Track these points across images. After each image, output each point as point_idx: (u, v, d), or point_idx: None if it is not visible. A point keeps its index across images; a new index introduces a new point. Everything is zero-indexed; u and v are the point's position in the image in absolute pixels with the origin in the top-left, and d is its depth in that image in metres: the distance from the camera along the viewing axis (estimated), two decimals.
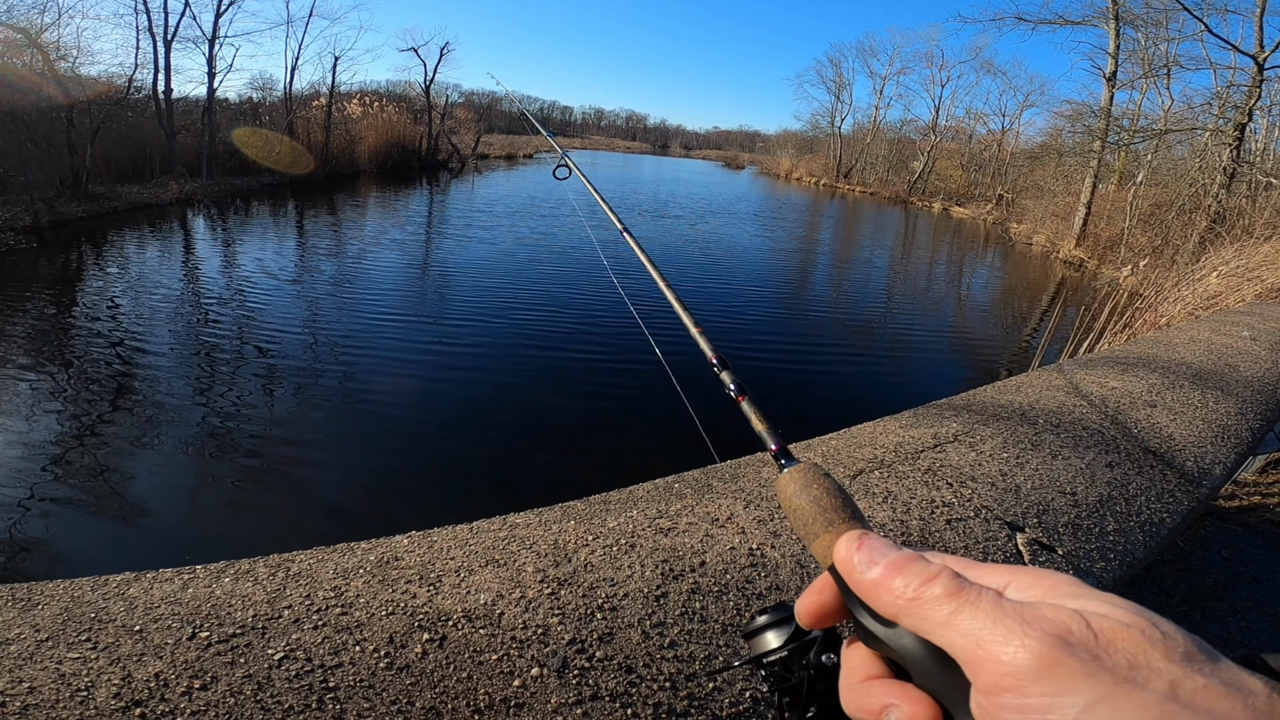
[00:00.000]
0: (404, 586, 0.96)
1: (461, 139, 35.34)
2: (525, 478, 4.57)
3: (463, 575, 0.99)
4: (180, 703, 0.75)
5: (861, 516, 0.43)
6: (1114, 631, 0.26)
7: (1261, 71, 14.09)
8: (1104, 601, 0.28)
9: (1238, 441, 1.96)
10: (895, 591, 0.33)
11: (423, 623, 0.89)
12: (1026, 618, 0.27)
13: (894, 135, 44.02)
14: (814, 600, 0.40)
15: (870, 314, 10.80)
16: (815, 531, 0.42)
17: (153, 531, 3.82)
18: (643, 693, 0.84)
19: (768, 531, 1.16)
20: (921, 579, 0.32)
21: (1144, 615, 0.27)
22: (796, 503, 0.45)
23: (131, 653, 0.80)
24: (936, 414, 1.84)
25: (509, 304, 8.75)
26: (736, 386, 0.63)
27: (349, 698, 0.78)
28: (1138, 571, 1.40)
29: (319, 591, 0.93)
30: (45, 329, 6.85)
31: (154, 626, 0.85)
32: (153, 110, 18.16)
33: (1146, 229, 16.47)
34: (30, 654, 0.79)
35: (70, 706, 0.73)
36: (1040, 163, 26.79)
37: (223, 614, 0.88)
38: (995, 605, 0.29)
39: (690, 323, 0.76)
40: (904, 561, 0.34)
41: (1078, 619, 0.27)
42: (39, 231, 11.27)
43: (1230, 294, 6.71)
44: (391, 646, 0.85)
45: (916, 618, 0.31)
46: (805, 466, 0.47)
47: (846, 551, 0.37)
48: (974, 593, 0.30)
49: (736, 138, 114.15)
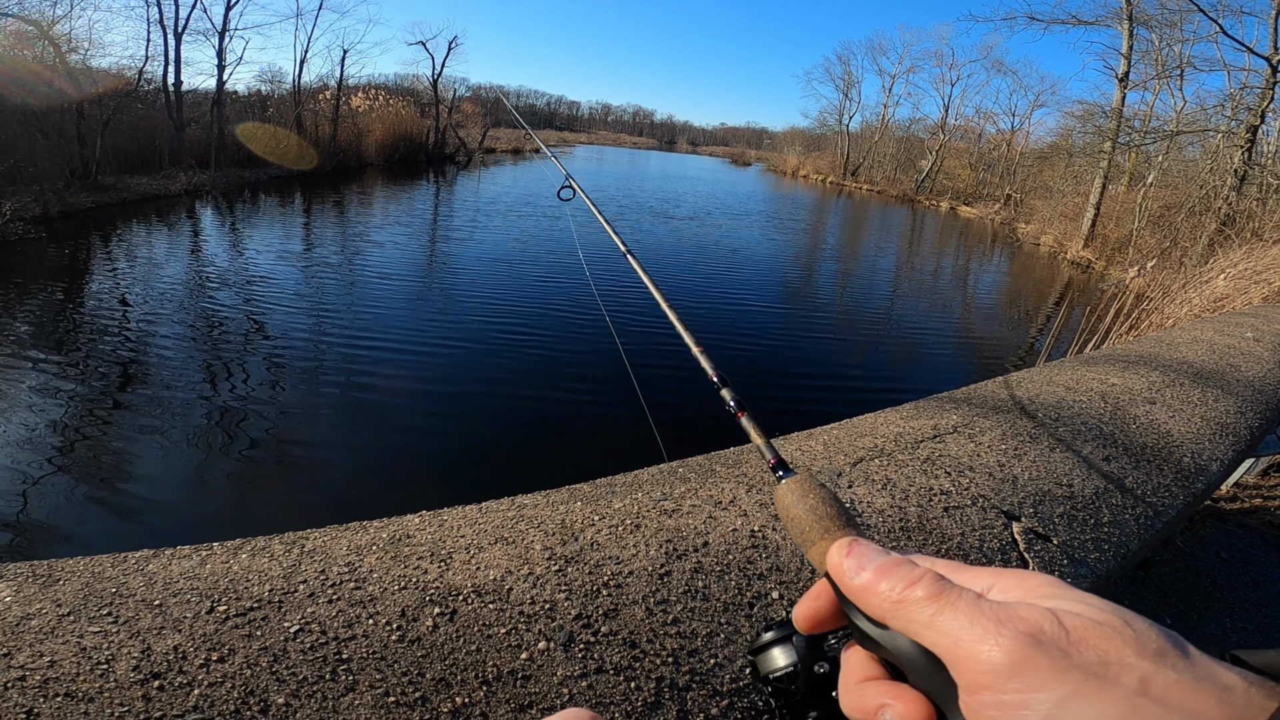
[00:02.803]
0: (415, 563, 0.98)
1: (468, 133, 35.35)
2: (533, 463, 4.62)
3: (472, 552, 1.02)
4: (198, 674, 0.76)
5: (856, 524, 0.45)
6: (1085, 629, 0.27)
7: (1275, 73, 13.98)
8: (1079, 601, 0.29)
9: (1236, 440, 1.98)
10: (882, 594, 0.34)
11: (434, 597, 0.92)
12: (1001, 617, 0.28)
13: (902, 134, 43.85)
14: (811, 606, 0.41)
15: (876, 312, 10.78)
16: (811, 539, 0.44)
17: (169, 512, 3.89)
18: (645, 667, 0.86)
19: (769, 514, 1.18)
20: (906, 582, 0.33)
21: (1117, 613, 0.28)
22: (794, 512, 0.47)
23: (151, 626, 0.82)
24: (937, 406, 1.86)
25: (520, 295, 8.79)
26: (736, 403, 0.66)
27: (361, 669, 0.80)
28: (1132, 563, 1.42)
29: (333, 567, 0.96)
30: (55, 317, 6.91)
31: (173, 601, 0.86)
32: (162, 102, 18.24)
33: (1155, 231, 16.38)
34: (52, 629, 0.80)
35: (91, 679, 0.74)
36: (1049, 163, 26.65)
37: (240, 588, 0.90)
38: (973, 606, 0.30)
39: (691, 342, 0.79)
40: (890, 566, 0.35)
41: (1050, 617, 0.28)
42: (49, 221, 11.35)
43: (1237, 296, 6.67)
44: (403, 620, 0.87)
45: (903, 619, 0.33)
46: (802, 478, 0.49)
47: (838, 557, 0.38)
48: (954, 594, 0.31)
49: (744, 134, 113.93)
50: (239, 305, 7.69)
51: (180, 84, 18.60)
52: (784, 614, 0.97)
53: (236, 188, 17.49)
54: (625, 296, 8.01)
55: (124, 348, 6.18)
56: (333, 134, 23.90)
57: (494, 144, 39.33)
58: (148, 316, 7.08)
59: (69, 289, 7.97)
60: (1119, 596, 2.58)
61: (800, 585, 1.04)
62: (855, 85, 47.02)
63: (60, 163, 13.25)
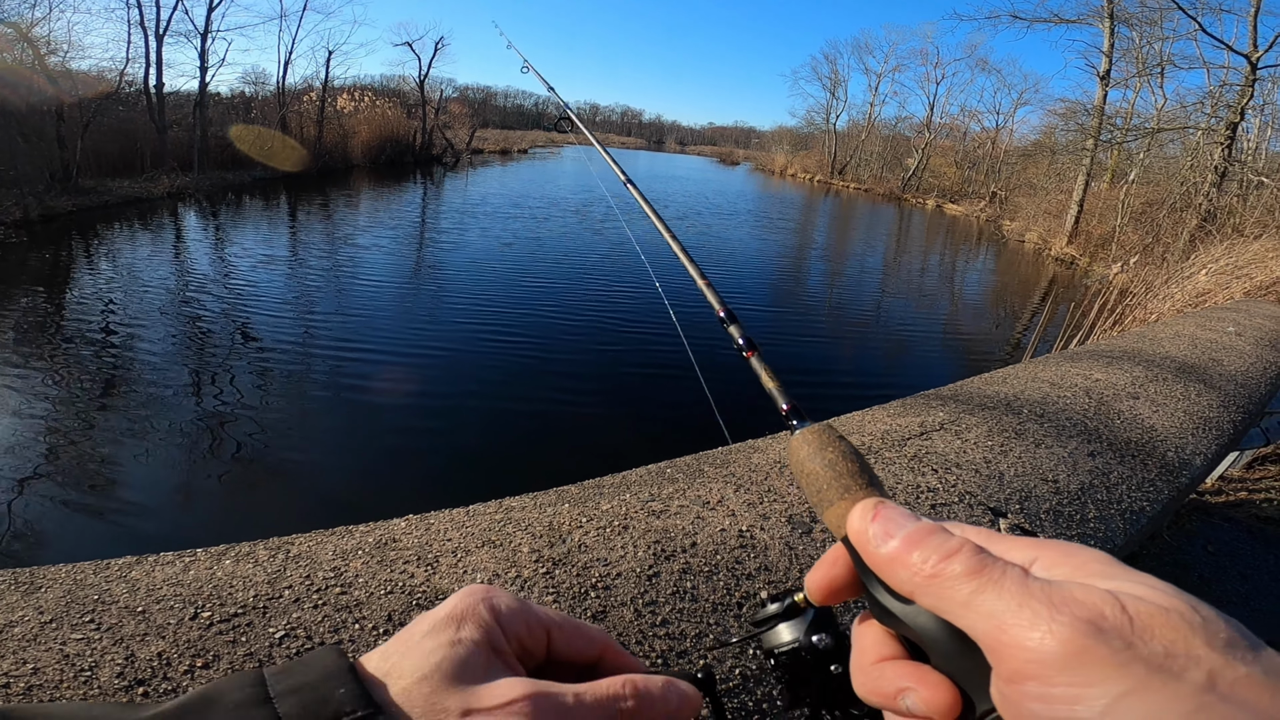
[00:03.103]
0: (402, 567, 0.98)
1: (456, 134, 35.23)
2: (520, 465, 4.60)
3: (459, 556, 1.01)
4: (183, 681, 0.75)
5: (880, 483, 0.39)
6: (1151, 616, 0.24)
7: (1254, 70, 14.19)
8: (1140, 583, 0.26)
9: (1219, 434, 2.00)
10: (912, 567, 0.30)
11: (420, 602, 0.91)
12: (1055, 600, 0.25)
13: (889, 132, 44.15)
14: (826, 574, 0.37)
15: (863, 310, 10.84)
16: (829, 499, 0.38)
17: (153, 518, 3.85)
18: None
19: (757, 514, 1.18)
20: (941, 554, 0.29)
21: (1184, 599, 0.25)
22: (809, 467, 0.40)
23: (134, 633, 0.81)
24: (924, 403, 1.87)
25: (508, 297, 8.76)
26: (745, 341, 0.58)
27: None
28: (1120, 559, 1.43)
29: (319, 572, 0.95)
30: (37, 322, 6.81)
31: (156, 607, 0.86)
32: (144, 104, 18.03)
33: (1138, 227, 16.58)
34: (34, 636, 0.79)
35: (74, 686, 0.73)
36: (1033, 160, 26.90)
37: (224, 594, 0.89)
38: (1021, 585, 0.26)
39: (696, 274, 0.72)
40: (923, 534, 0.31)
41: (1112, 602, 0.24)
42: (29, 225, 11.20)
43: (1219, 291, 6.77)
44: (390, 625, 0.87)
45: (935, 596, 0.29)
46: (820, 428, 0.43)
47: (861, 522, 0.34)
48: (998, 570, 0.27)
49: (732, 133, 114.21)
50: (223, 310, 7.61)
51: (162, 86, 18.40)
52: None
53: (220, 190, 17.30)
54: (620, 297, 8.00)
55: (107, 353, 6.11)
56: (318, 135, 23.71)
57: (481, 144, 39.22)
58: (130, 321, 6.99)
59: (50, 294, 7.86)
60: None
61: (789, 585, 1.04)
62: (842, 84, 47.38)
63: (40, 166, 13.06)
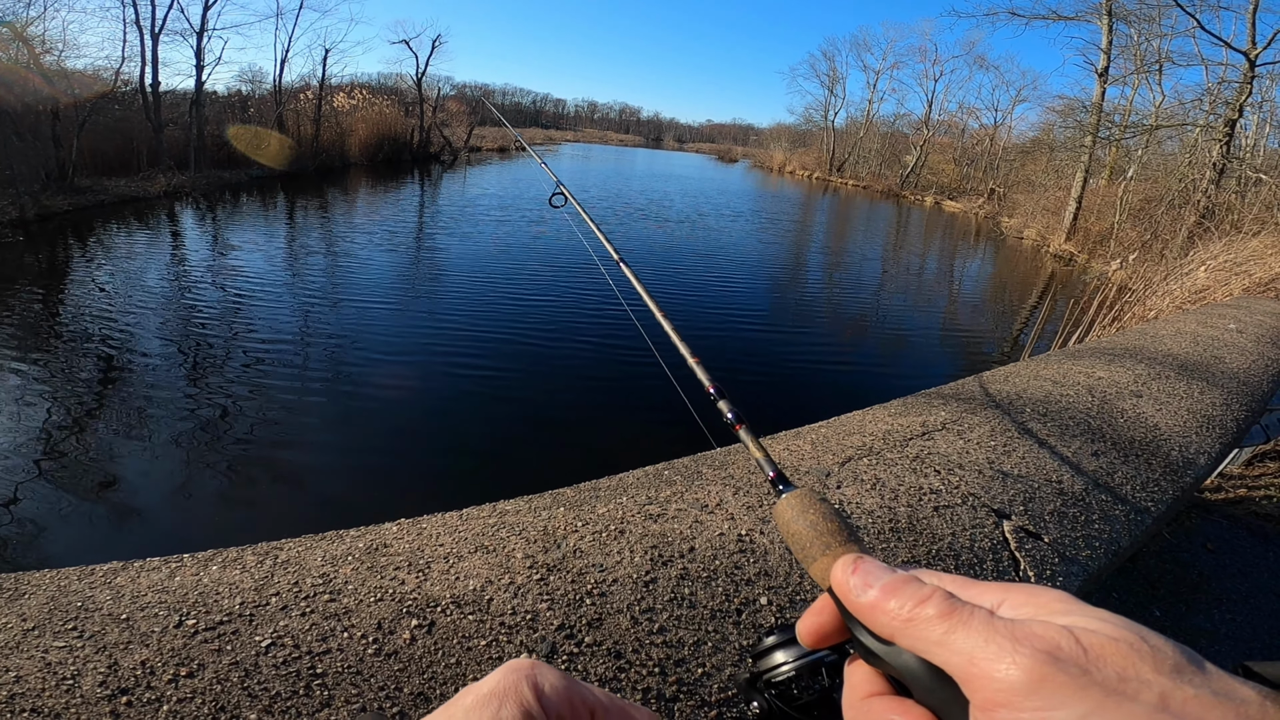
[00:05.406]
0: (392, 573, 0.96)
1: (453, 131, 35.13)
2: (516, 467, 4.58)
3: (452, 561, 0.99)
4: (167, 690, 0.74)
5: (858, 538, 0.44)
6: (1102, 646, 0.27)
7: (1253, 67, 14.18)
8: (1093, 617, 0.29)
9: (1223, 432, 1.98)
10: (890, 613, 0.33)
11: (411, 609, 0.89)
12: (1017, 635, 0.28)
13: (887, 129, 44.10)
14: (814, 621, 0.41)
15: (863, 307, 10.84)
16: (813, 555, 0.44)
17: (141, 522, 3.81)
18: (632, 678, 0.84)
19: (756, 518, 1.16)
20: (915, 600, 0.33)
21: (1132, 629, 0.28)
22: (794, 528, 0.46)
23: (118, 641, 0.80)
24: (925, 403, 1.85)
25: (499, 296, 8.73)
26: (734, 415, 0.66)
27: (336, 684, 0.78)
28: (1123, 560, 1.41)
29: (307, 579, 0.93)
30: (32, 322, 6.78)
31: (141, 615, 0.84)
32: (139, 103, 17.92)
33: (1136, 224, 16.58)
34: (16, 643, 0.78)
35: (56, 695, 0.72)
36: (1032, 158, 26.93)
37: (210, 602, 0.87)
38: (987, 624, 0.29)
39: (687, 353, 0.79)
40: (898, 584, 0.34)
41: (1066, 635, 0.27)
42: (25, 225, 11.15)
43: (1218, 288, 6.76)
44: (380, 633, 0.85)
45: (912, 638, 0.32)
46: (802, 492, 0.49)
47: (843, 574, 0.38)
48: (966, 612, 0.31)
49: (730, 131, 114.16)
50: (219, 310, 7.58)
51: (158, 84, 18.29)
52: (772, 620, 0.96)
53: (217, 189, 17.23)
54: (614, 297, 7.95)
55: (101, 354, 6.08)
56: (315, 134, 23.64)
57: (480, 142, 39.10)
58: (125, 321, 6.96)
59: (46, 294, 7.83)
60: (1106, 589, 2.58)
61: (789, 590, 1.02)
62: (840, 81, 47.31)
63: (36, 165, 12.99)
